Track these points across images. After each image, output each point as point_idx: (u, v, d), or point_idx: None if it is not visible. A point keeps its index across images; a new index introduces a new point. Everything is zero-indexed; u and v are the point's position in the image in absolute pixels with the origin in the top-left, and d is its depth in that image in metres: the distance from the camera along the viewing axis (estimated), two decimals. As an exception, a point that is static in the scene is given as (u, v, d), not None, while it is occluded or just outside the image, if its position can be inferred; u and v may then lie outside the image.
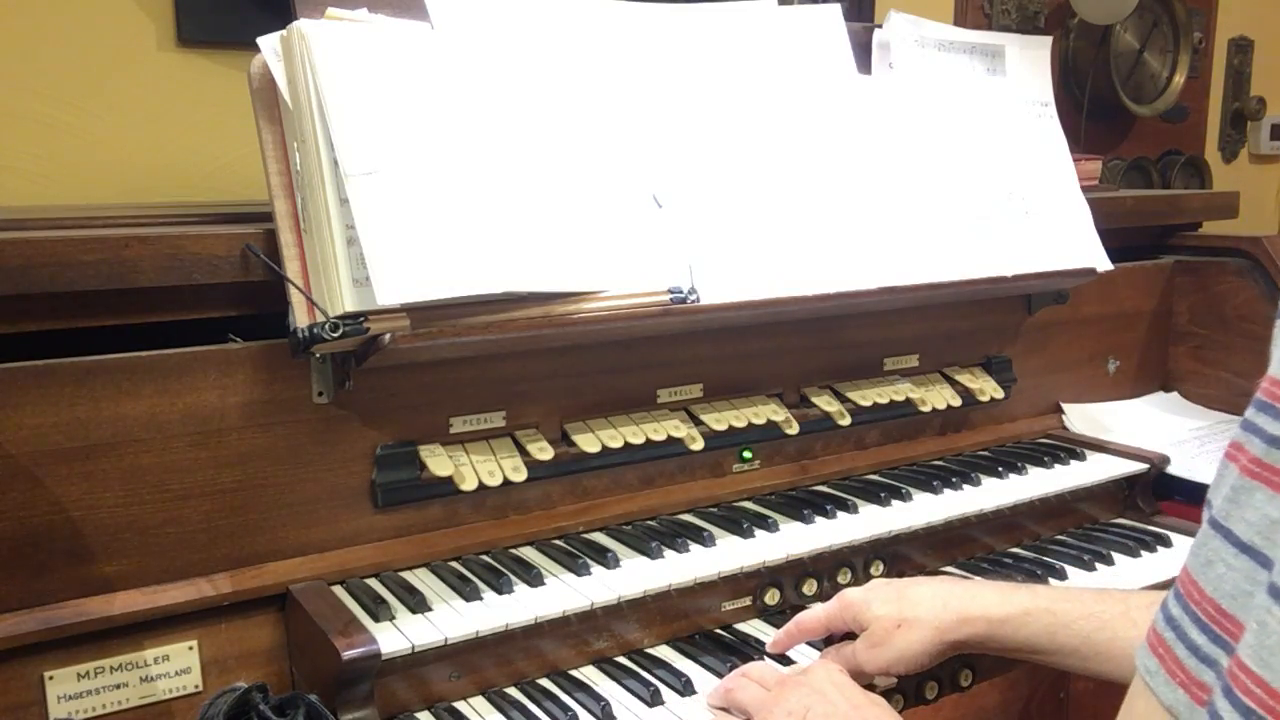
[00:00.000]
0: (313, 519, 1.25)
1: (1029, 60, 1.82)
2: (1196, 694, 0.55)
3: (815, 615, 1.25)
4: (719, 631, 1.35)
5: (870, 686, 1.20)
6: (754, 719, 1.11)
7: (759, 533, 1.41)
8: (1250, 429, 0.55)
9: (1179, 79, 3.29)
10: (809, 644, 1.27)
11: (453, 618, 1.17)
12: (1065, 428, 1.93)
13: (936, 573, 1.54)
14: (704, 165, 1.42)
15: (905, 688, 1.26)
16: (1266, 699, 0.49)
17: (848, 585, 1.45)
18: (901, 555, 1.52)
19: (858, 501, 1.52)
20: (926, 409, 1.72)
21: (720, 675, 1.22)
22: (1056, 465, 1.73)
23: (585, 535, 1.40)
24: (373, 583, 1.25)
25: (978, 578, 1.50)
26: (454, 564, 1.30)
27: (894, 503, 1.53)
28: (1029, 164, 1.77)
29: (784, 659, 1.28)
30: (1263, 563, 0.52)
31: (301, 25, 1.14)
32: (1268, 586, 0.50)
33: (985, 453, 1.78)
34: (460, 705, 1.19)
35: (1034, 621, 1.14)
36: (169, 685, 1.15)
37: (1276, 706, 0.48)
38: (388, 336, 1.13)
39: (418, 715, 1.17)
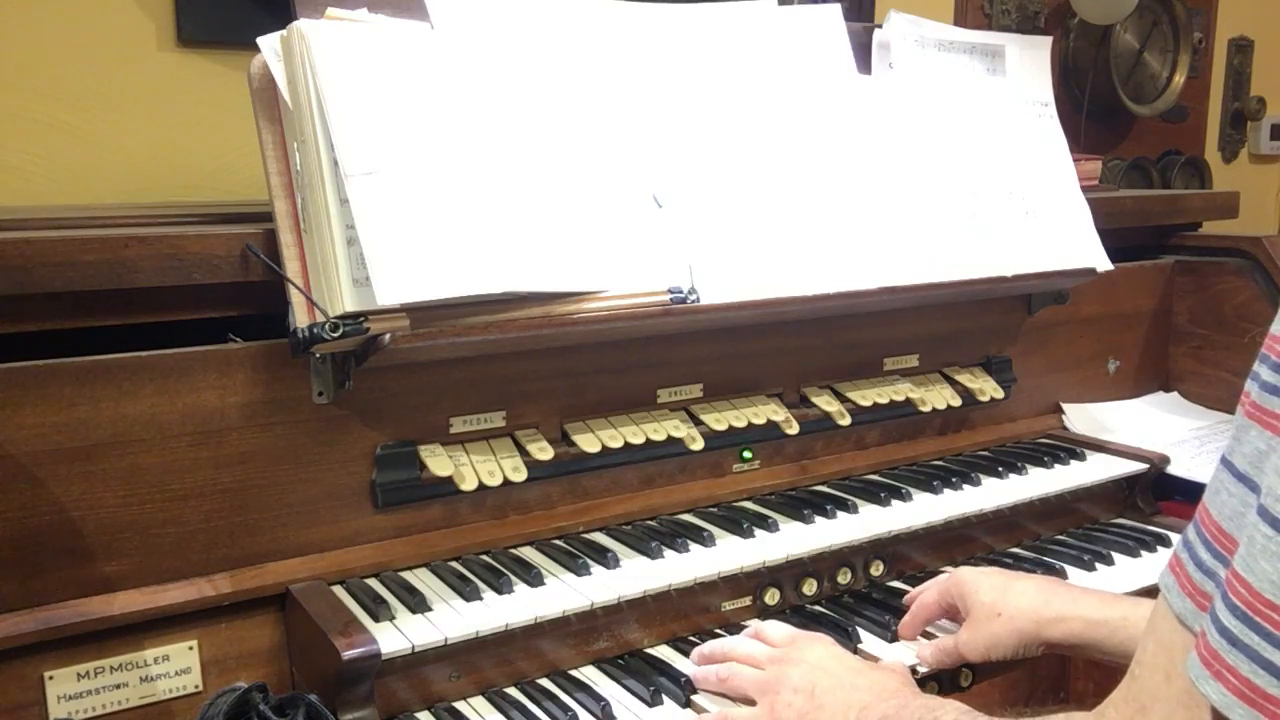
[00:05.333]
0: (313, 519, 1.25)
1: (1029, 60, 1.82)
2: (1200, 602, 0.65)
3: (930, 596, 1.30)
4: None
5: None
6: (758, 701, 1.11)
7: (759, 533, 1.41)
8: (1252, 376, 0.66)
9: (1179, 79, 3.29)
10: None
11: (453, 618, 1.17)
12: (1065, 428, 1.93)
13: (937, 573, 1.53)
14: (704, 165, 1.42)
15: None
16: (1251, 600, 0.59)
17: (848, 585, 1.46)
18: (902, 555, 1.52)
19: (858, 501, 1.52)
20: (926, 409, 1.72)
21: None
22: (1056, 465, 1.73)
23: (585, 535, 1.40)
24: (373, 583, 1.25)
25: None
26: (454, 564, 1.30)
27: (894, 503, 1.53)
28: (1029, 164, 1.77)
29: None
30: (1253, 488, 0.62)
31: (301, 25, 1.14)
32: (1256, 508, 0.60)
33: (985, 453, 1.78)
34: (460, 705, 1.19)
35: (1132, 627, 1.14)
36: (169, 685, 1.15)
37: (1259, 606, 0.59)
38: (388, 336, 1.13)
39: (418, 715, 1.17)
